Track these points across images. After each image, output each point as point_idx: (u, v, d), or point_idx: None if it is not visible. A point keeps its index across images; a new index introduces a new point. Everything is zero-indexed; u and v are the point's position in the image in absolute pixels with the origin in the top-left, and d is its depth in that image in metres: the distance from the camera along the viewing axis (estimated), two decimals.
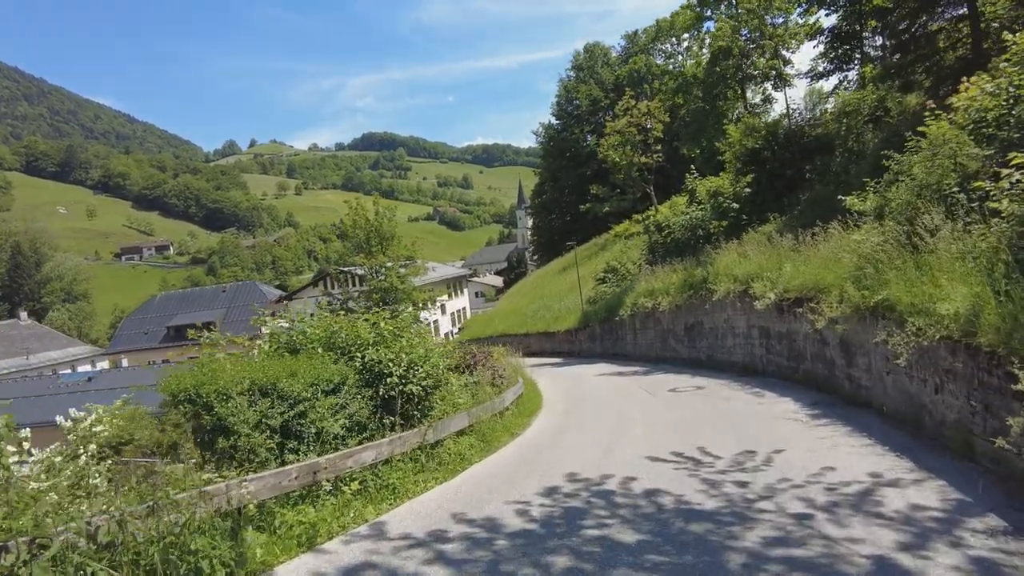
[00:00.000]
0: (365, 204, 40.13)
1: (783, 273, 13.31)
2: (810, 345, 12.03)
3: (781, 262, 13.90)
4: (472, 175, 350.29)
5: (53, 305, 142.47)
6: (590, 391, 15.44)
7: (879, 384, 9.11)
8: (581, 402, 13.78)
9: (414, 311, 38.72)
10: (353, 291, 41.03)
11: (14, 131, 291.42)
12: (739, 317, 15.89)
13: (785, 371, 13.52)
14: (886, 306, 8.42)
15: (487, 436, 9.66)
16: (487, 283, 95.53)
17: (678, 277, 20.09)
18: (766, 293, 13.62)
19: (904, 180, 10.10)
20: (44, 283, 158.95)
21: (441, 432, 8.50)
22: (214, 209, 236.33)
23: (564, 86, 72.67)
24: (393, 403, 8.01)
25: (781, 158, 20.64)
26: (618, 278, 29.49)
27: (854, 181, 17.38)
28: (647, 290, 22.38)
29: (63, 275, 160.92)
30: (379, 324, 9.10)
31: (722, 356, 17.28)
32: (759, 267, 14.77)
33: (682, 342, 20.09)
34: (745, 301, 15.25)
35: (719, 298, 16.46)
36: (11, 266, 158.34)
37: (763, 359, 14.83)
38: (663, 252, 23.93)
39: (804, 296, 11.96)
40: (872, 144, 18.49)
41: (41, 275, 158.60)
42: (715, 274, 17.09)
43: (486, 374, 12.20)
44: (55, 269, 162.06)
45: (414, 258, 40.91)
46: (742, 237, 18.02)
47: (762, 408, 10.56)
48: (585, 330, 29.83)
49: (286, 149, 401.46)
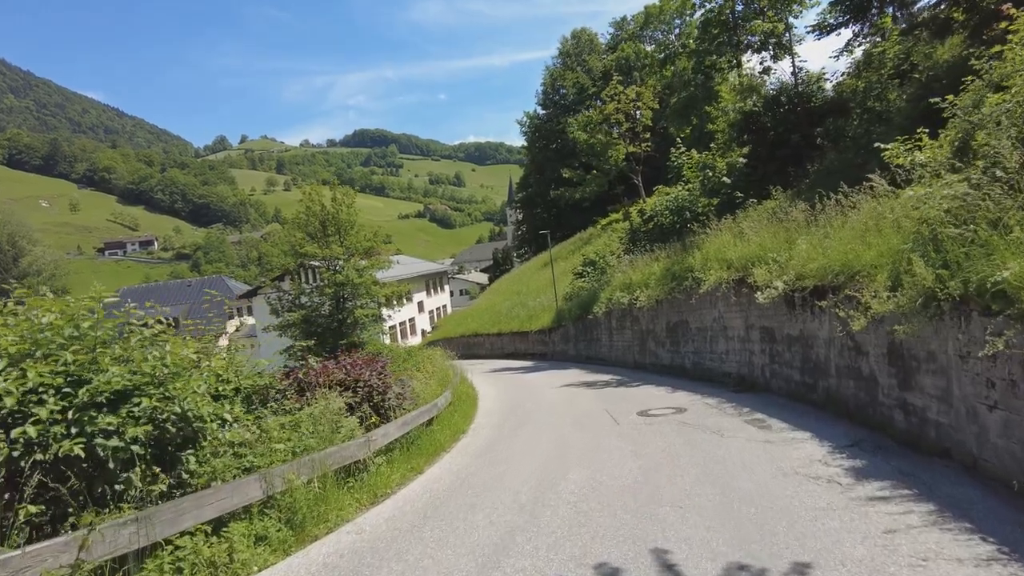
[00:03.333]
0: (321, 191, 36.44)
1: (796, 253, 9.66)
2: (836, 354, 8.38)
3: (792, 239, 10.25)
4: (464, 173, 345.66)
5: None
6: (538, 413, 11.72)
7: (969, 424, 5.46)
8: (515, 435, 9.87)
9: None
10: (305, 287, 37.38)
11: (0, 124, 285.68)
12: (734, 315, 12.23)
13: (797, 388, 9.87)
14: (995, 293, 4.77)
15: (301, 518, 5.62)
16: (472, 280, 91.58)
17: (659, 266, 16.43)
18: (771, 282, 9.96)
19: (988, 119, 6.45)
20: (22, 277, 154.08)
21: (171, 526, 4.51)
22: (201, 204, 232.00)
23: (550, 73, 68.95)
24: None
25: (785, 122, 16.99)
26: (597, 272, 25.79)
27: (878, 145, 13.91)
28: (623, 283, 18.71)
29: (42, 269, 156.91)
30: None
31: (711, 364, 13.63)
32: (761, 248, 11.11)
33: (663, 345, 16.42)
34: (742, 294, 11.59)
35: (708, 290, 12.81)
36: None
37: (765, 370, 11.17)
38: (646, 240, 20.24)
39: (828, 284, 8.31)
40: (898, 103, 14.89)
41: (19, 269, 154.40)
42: (703, 260, 13.44)
43: (377, 394, 8.48)
44: (34, 264, 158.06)
45: (378, 249, 37.20)
46: (737, 216, 14.39)
47: (770, 453, 6.88)
48: (559, 330, 26.14)
49: (277, 145, 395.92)
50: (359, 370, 8.34)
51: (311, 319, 33.84)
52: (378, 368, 8.97)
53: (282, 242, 36.90)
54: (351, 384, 8.08)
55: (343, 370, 8.22)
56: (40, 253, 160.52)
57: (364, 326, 34.85)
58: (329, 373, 8.05)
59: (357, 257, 34.74)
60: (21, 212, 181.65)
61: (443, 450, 8.93)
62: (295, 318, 34.05)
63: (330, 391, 7.64)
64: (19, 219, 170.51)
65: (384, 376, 8.73)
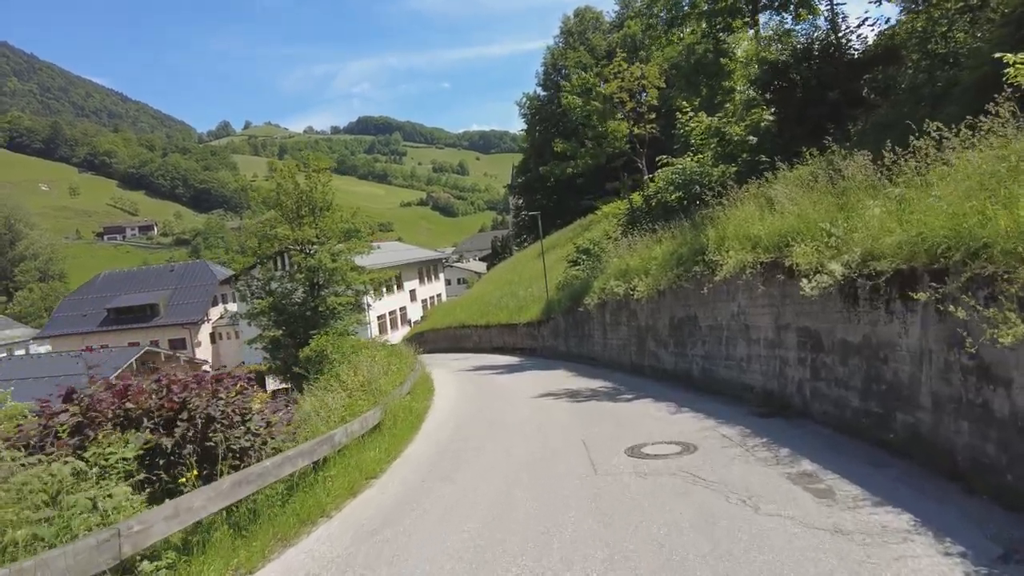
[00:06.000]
0: (295, 168, 33.31)
1: (862, 223, 6.60)
2: (935, 375, 5.35)
3: (851, 205, 7.18)
4: (468, 161, 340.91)
5: (26, 284, 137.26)
6: (493, 444, 8.51)
7: None
8: (442, 489, 6.58)
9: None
10: (276, 272, 34.38)
11: (2, 107, 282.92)
12: (760, 310, 9.19)
13: (854, 418, 6.85)
14: None
15: None
16: (470, 269, 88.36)
17: (662, 249, 13.35)
18: (823, 264, 6.91)
19: None
20: (18, 261, 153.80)
21: None
22: (202, 190, 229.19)
23: (551, 52, 65.38)
24: None
25: (820, 76, 13.84)
26: (591, 259, 22.70)
27: (944, 94, 10.80)
28: (619, 270, 15.64)
29: (38, 253, 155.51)
30: None
31: (727, 373, 10.60)
32: (801, 220, 8.04)
33: (666, 346, 13.40)
34: (773, 282, 8.54)
35: (726, 277, 9.74)
36: None
37: (804, 387, 8.15)
38: (647, 219, 17.13)
39: (924, 267, 5.28)
40: (968, 43, 11.71)
41: (15, 253, 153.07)
42: (718, 239, 10.37)
43: (220, 428, 5.48)
44: (30, 247, 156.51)
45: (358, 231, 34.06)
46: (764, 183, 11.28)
47: (852, 568, 3.86)
48: (548, 323, 23.13)
49: (280, 132, 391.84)
50: (187, 392, 5.35)
51: (280, 307, 30.92)
52: (227, 388, 5.93)
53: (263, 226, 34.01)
54: (172, 415, 5.12)
55: (161, 392, 5.25)
56: (37, 237, 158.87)
57: (339, 315, 31.93)
58: (137, 397, 5.08)
59: (334, 241, 31.74)
60: (20, 196, 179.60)
61: (318, 518, 5.83)
62: (262, 305, 31.15)
63: (129, 428, 4.67)
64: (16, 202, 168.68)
65: (236, 402, 5.72)
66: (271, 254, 33.34)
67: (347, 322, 31.14)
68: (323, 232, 31.11)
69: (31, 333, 64.51)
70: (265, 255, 33.17)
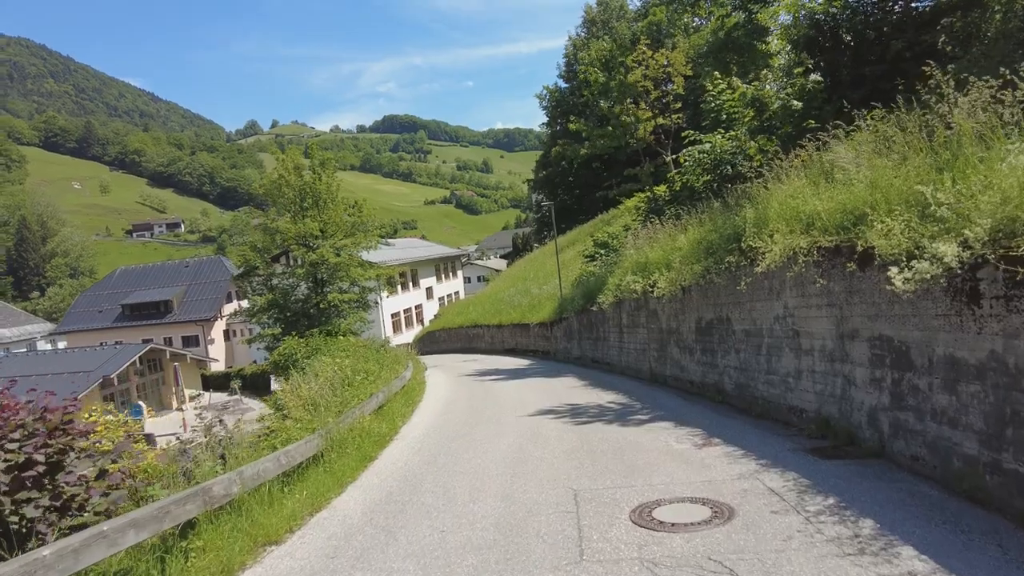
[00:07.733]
0: (296, 157, 31.67)
1: (987, 182, 4.39)
2: None
3: (962, 163, 4.96)
4: (492, 159, 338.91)
5: (57, 280, 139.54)
6: (459, 490, 6.28)
7: None
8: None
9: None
10: (278, 267, 32.80)
11: (39, 107, 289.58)
12: (816, 311, 6.98)
13: (968, 470, 4.64)
14: None
15: None
16: (490, 266, 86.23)
17: (688, 238, 11.13)
18: (927, 247, 4.71)
19: None
20: (49, 258, 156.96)
21: None
22: (229, 187, 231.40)
23: (573, 43, 62.86)
24: None
25: (879, 28, 11.50)
26: (609, 253, 20.52)
27: None
28: (637, 264, 13.44)
29: (69, 250, 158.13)
30: None
31: (768, 390, 8.39)
32: (876, 190, 5.83)
33: (691, 353, 11.19)
34: (837, 273, 6.34)
35: (769, 268, 7.52)
36: (17, 240, 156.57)
37: (880, 417, 5.93)
38: (672, 206, 14.89)
39: None
40: None
41: (46, 249, 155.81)
42: (758, 221, 8.14)
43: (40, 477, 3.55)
44: (61, 244, 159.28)
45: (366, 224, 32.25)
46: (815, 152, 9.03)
47: None
48: (561, 323, 21.00)
49: (307, 131, 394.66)
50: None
51: (280, 303, 29.28)
52: (48, 422, 3.94)
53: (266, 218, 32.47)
54: None
55: None
56: (68, 234, 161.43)
57: (343, 312, 30.16)
58: None
59: (339, 235, 29.97)
60: (53, 194, 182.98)
61: None
62: (262, 302, 29.54)
63: None
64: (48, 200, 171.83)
65: (62, 435, 3.74)
66: (272, 248, 31.82)
67: (351, 320, 29.41)
68: (327, 226, 29.44)
69: (47, 329, 64.24)
70: (267, 250, 31.68)
